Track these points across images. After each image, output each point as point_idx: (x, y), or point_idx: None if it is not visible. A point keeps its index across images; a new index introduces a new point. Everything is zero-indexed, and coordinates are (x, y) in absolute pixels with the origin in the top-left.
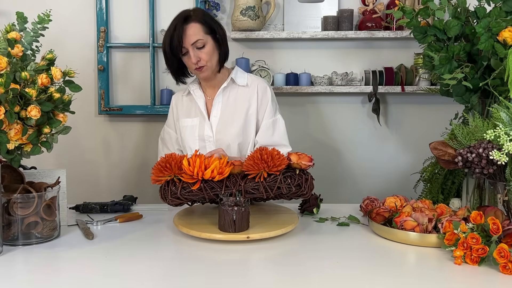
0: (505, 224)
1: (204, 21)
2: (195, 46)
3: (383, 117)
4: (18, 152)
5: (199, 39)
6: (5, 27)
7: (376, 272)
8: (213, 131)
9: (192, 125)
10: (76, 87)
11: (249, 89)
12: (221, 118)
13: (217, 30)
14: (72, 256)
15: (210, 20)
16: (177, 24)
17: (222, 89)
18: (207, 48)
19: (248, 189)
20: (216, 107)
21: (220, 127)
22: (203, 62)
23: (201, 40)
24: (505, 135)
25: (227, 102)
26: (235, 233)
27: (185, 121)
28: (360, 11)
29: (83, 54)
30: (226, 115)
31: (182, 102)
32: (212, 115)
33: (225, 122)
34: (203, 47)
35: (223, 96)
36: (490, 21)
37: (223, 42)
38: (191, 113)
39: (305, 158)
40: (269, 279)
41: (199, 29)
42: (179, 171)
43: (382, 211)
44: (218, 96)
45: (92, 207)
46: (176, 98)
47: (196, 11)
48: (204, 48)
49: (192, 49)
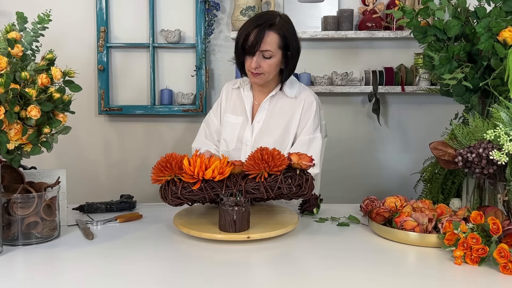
0: (505, 224)
1: (283, 35)
2: (262, 53)
3: (383, 117)
4: (18, 152)
5: (269, 50)
6: (5, 27)
7: (376, 272)
8: (252, 136)
9: (235, 123)
10: (76, 87)
11: (296, 101)
12: (263, 126)
13: (291, 47)
14: (72, 256)
15: (290, 36)
16: (261, 25)
17: (270, 97)
18: (272, 61)
19: (248, 189)
20: (261, 113)
21: (260, 134)
22: (262, 70)
23: (270, 51)
24: (505, 135)
25: (272, 110)
26: (235, 233)
27: (230, 117)
28: (360, 11)
29: (83, 54)
30: (269, 123)
31: (232, 95)
32: (256, 120)
33: (266, 130)
34: (269, 58)
35: (270, 104)
36: (490, 21)
37: (292, 61)
38: (237, 110)
39: (306, 158)
40: (269, 279)
41: (276, 40)
42: (180, 171)
43: (382, 211)
44: (265, 103)
45: (97, 207)
46: (226, 89)
47: (282, 20)
48: (269, 60)
49: (258, 54)
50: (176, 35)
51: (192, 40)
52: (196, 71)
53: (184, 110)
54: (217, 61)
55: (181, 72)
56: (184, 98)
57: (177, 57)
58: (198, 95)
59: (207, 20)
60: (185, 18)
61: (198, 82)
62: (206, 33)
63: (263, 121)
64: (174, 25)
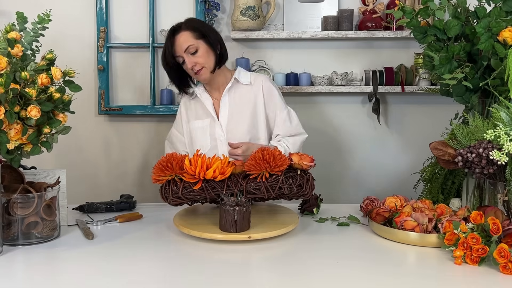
0: (505, 224)
1: (193, 28)
2: (188, 52)
3: (383, 117)
4: (18, 152)
5: (190, 45)
6: (5, 27)
7: (376, 272)
8: (223, 131)
9: (203, 126)
10: (76, 87)
11: (253, 87)
12: (230, 118)
13: (207, 34)
14: (72, 256)
15: (200, 25)
16: (168, 38)
17: (227, 90)
18: (200, 52)
19: (249, 189)
20: (224, 107)
21: (230, 127)
22: (200, 65)
23: (192, 45)
24: (505, 135)
25: (233, 101)
26: (236, 233)
27: (196, 123)
28: (360, 11)
29: (83, 54)
30: (235, 114)
31: (190, 105)
32: (221, 116)
33: (234, 121)
34: (196, 51)
35: (229, 97)
36: (490, 21)
37: (217, 44)
38: (200, 115)
39: (307, 159)
40: (270, 279)
41: (189, 36)
42: (180, 170)
43: (382, 211)
44: (224, 97)
45: (97, 207)
46: (184, 102)
47: (187, 21)
48: (198, 53)
49: (186, 55)
50: None
51: None
52: None
53: None
54: None
55: None
56: None
57: None
58: None
59: (207, 20)
60: (185, 18)
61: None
62: None
63: (227, 113)
64: None
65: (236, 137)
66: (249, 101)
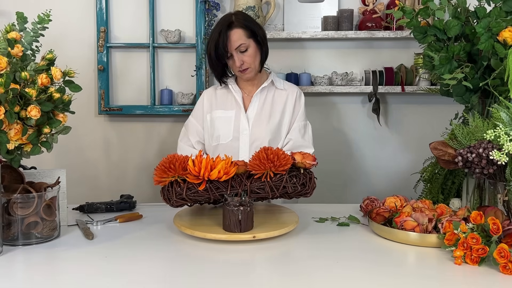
0: (505, 224)
1: (245, 26)
2: (238, 50)
3: (383, 117)
4: (18, 152)
5: (242, 44)
6: (5, 27)
7: (376, 272)
8: (249, 124)
9: (227, 116)
10: (76, 87)
11: (287, 93)
12: (258, 114)
13: (257, 32)
14: (72, 256)
15: (251, 23)
16: (221, 30)
17: (261, 88)
18: (250, 51)
19: (253, 188)
20: (254, 103)
21: (256, 122)
22: (247, 64)
23: (244, 44)
24: (505, 135)
25: (265, 100)
26: (240, 233)
27: (219, 112)
28: (360, 11)
29: (83, 54)
30: (264, 112)
31: (216, 95)
32: (249, 110)
33: (262, 117)
34: (246, 50)
35: (261, 95)
36: (490, 21)
37: (263, 43)
38: (226, 105)
39: (309, 158)
40: (270, 279)
41: (242, 34)
42: (183, 171)
43: (382, 211)
44: (257, 94)
45: (97, 207)
46: (208, 92)
47: (238, 16)
48: (247, 51)
49: (236, 53)
50: (176, 35)
51: (192, 40)
52: (196, 71)
53: (184, 110)
54: None
55: (181, 72)
56: (184, 98)
57: (177, 57)
58: (198, 95)
59: (207, 20)
60: (185, 18)
61: (198, 82)
62: (206, 33)
63: (256, 110)
64: (174, 25)
65: (259, 134)
66: (280, 104)
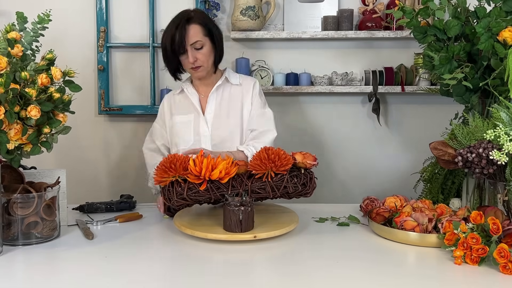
0: (505, 224)
1: (204, 23)
2: (193, 46)
3: (383, 117)
4: (18, 152)
5: (198, 41)
6: (5, 27)
7: (376, 272)
8: (208, 126)
9: (187, 121)
10: (76, 87)
11: (242, 87)
12: (216, 114)
13: (214, 32)
14: (72, 256)
15: (209, 22)
16: (179, 24)
17: (216, 87)
18: (205, 50)
19: (254, 188)
20: (211, 103)
21: (216, 123)
22: (200, 62)
23: (200, 41)
24: (505, 135)
25: (221, 99)
26: (241, 233)
27: (180, 117)
28: (360, 11)
29: (83, 54)
30: (222, 111)
31: (175, 100)
32: (207, 112)
33: (220, 118)
34: (201, 48)
35: (217, 94)
36: (490, 21)
37: (219, 44)
38: (184, 110)
39: (310, 157)
40: (270, 279)
41: (199, 30)
42: (184, 171)
43: (382, 211)
44: (213, 94)
45: (97, 207)
46: (168, 97)
47: (197, 12)
48: (202, 49)
49: (190, 49)
50: None
51: None
52: None
53: None
54: None
55: None
56: None
57: None
58: None
59: None
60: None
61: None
62: None
63: (214, 110)
64: None
65: (221, 134)
66: (236, 100)
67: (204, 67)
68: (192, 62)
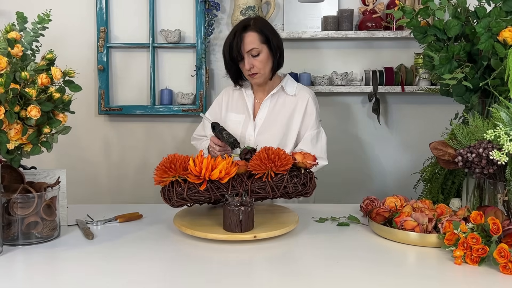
0: (505, 224)
1: (261, 31)
2: (250, 53)
3: (383, 117)
4: (18, 152)
5: (254, 48)
6: (5, 27)
7: (376, 272)
8: (255, 131)
9: (237, 120)
10: (76, 87)
11: (296, 99)
12: (265, 122)
13: (272, 40)
14: (72, 256)
15: (267, 30)
16: (237, 32)
17: (271, 95)
18: (261, 57)
19: (254, 188)
20: (263, 110)
21: (262, 129)
22: (256, 69)
23: (256, 48)
24: (505, 135)
25: (273, 107)
26: (241, 233)
27: (232, 115)
28: (360, 11)
29: (83, 54)
30: (271, 119)
31: (233, 96)
32: (258, 117)
33: (268, 125)
34: (258, 55)
35: (271, 102)
36: (490, 21)
37: (277, 52)
38: (239, 108)
39: (310, 157)
40: (270, 279)
41: (256, 38)
42: (184, 171)
43: (382, 211)
44: (266, 101)
45: None
46: (227, 91)
47: (256, 20)
48: (259, 57)
49: (247, 56)
50: (176, 35)
51: (192, 40)
52: (196, 71)
53: (184, 110)
54: (217, 61)
55: (181, 72)
56: (184, 98)
57: (177, 57)
58: (198, 95)
59: (207, 20)
60: (185, 18)
61: (198, 82)
62: (206, 33)
63: (264, 117)
64: (174, 25)
65: (264, 141)
66: (288, 111)
67: (261, 74)
68: (248, 69)
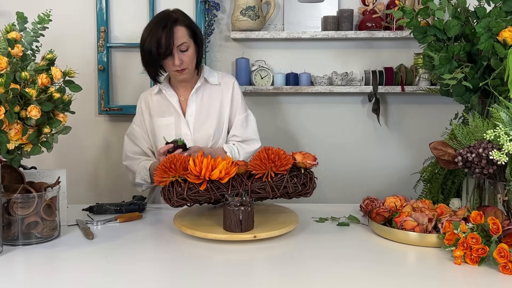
0: (505, 224)
1: (189, 25)
2: (179, 49)
3: (383, 117)
4: (18, 152)
5: (184, 42)
6: (5, 27)
7: (376, 272)
8: (190, 129)
9: (167, 123)
10: (76, 87)
11: (221, 88)
12: (197, 117)
13: (198, 34)
14: (72, 256)
15: (193, 24)
16: (166, 25)
17: (196, 89)
18: (190, 52)
19: (254, 188)
20: (191, 106)
21: (197, 126)
22: (185, 64)
23: (185, 43)
24: (505, 135)
25: (201, 101)
26: (241, 233)
27: (160, 120)
28: (360, 11)
29: (83, 54)
30: (202, 113)
31: (153, 101)
32: (188, 114)
33: (201, 120)
34: (186, 50)
35: (197, 96)
36: (490, 21)
37: (202, 46)
38: (164, 112)
39: (310, 157)
40: (270, 279)
41: (185, 32)
42: (184, 171)
43: (382, 211)
44: (192, 96)
45: (106, 208)
46: (144, 97)
47: (180, 14)
48: (187, 52)
49: (176, 51)
50: None
51: None
52: None
53: None
54: (217, 61)
55: None
56: None
57: None
58: None
59: (207, 20)
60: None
61: None
62: (206, 33)
63: (195, 112)
64: None
65: (203, 137)
66: (216, 101)
67: (189, 70)
68: (178, 64)
